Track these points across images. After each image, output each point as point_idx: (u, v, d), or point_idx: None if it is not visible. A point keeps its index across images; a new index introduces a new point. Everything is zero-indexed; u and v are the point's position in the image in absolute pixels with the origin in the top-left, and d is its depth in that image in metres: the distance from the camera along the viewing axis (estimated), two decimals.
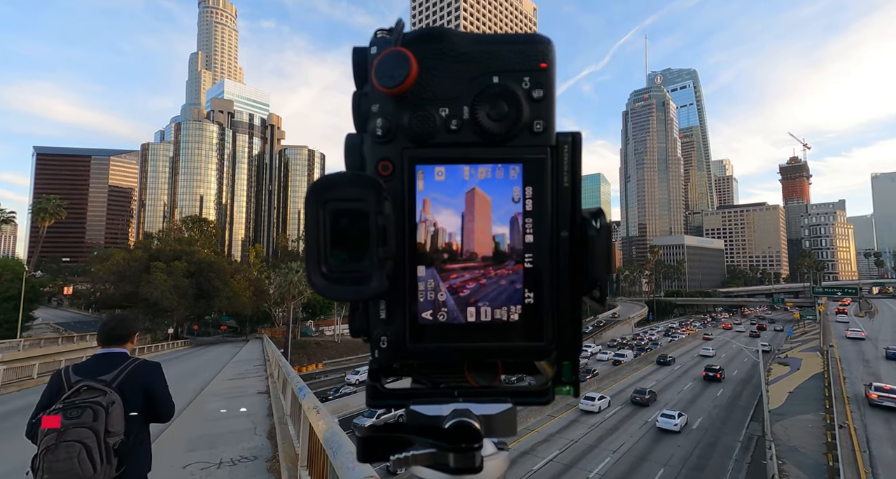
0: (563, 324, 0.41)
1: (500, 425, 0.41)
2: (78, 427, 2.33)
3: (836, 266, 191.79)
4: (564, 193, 0.41)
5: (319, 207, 0.36)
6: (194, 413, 9.95)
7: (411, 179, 0.40)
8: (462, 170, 0.40)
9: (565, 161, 0.41)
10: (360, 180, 0.38)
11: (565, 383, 0.43)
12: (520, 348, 0.41)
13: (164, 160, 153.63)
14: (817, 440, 23.94)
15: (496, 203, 0.40)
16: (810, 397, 31.54)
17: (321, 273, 0.36)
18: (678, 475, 22.94)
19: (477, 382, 0.44)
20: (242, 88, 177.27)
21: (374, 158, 0.40)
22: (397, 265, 0.39)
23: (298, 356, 48.43)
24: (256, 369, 17.80)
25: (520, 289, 0.40)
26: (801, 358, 45.03)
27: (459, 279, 0.40)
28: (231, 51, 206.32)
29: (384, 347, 0.40)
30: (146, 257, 47.99)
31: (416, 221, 0.40)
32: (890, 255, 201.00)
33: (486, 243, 0.40)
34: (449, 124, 0.40)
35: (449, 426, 0.39)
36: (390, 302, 0.40)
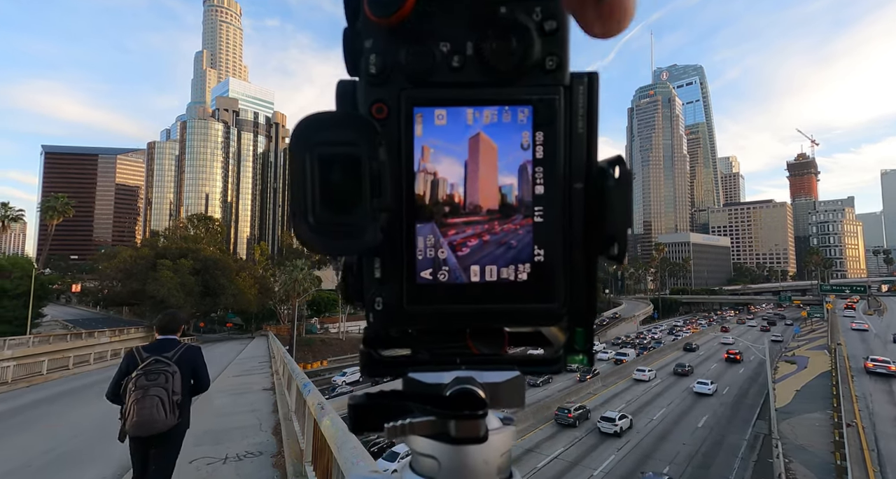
0: (576, 285, 0.37)
1: (507, 394, 0.38)
2: (156, 387, 3.43)
3: (844, 264, 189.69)
4: (579, 139, 0.36)
5: (306, 151, 0.32)
6: (200, 409, 10.01)
7: (409, 123, 0.35)
8: (465, 113, 0.35)
9: (580, 104, 0.36)
10: (351, 121, 0.34)
11: (578, 351, 0.39)
12: (529, 312, 0.37)
13: (170, 159, 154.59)
14: (825, 439, 23.76)
15: (503, 150, 0.35)
16: (818, 396, 31.29)
17: (308, 225, 0.32)
18: (683, 472, 22.85)
19: (480, 351, 0.39)
20: (247, 86, 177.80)
21: (368, 100, 0.36)
22: (393, 219, 0.35)
23: (303, 353, 48.72)
24: (262, 366, 17.89)
25: (529, 246, 0.36)
26: (808, 356, 44.68)
27: (462, 235, 0.36)
28: (236, 49, 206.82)
29: (379, 309, 0.36)
30: (153, 255, 48.37)
31: (413, 170, 0.35)
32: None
33: (491, 195, 0.36)
34: (450, 61, 0.35)
35: (451, 393, 0.35)
36: (386, 259, 0.36)
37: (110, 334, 38.78)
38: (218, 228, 79.58)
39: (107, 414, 10.12)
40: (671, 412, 32.61)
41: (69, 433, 8.40)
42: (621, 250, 0.36)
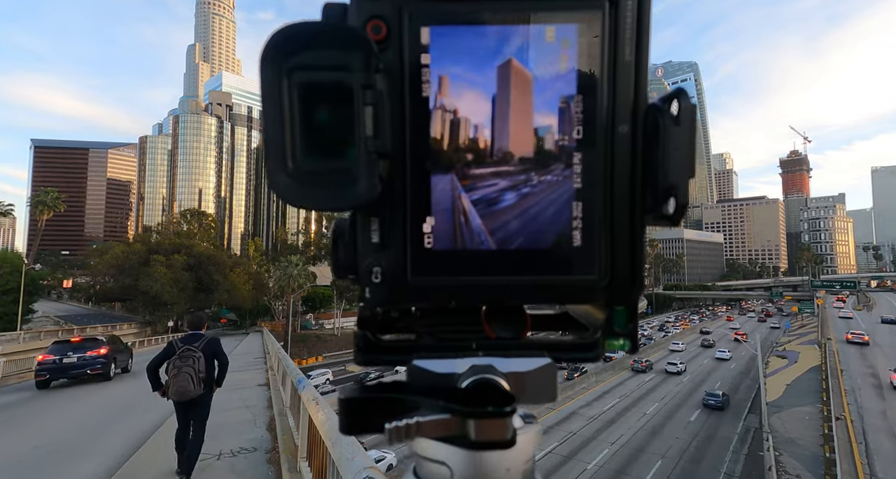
0: (619, 252, 0.30)
1: (536, 386, 0.30)
2: (187, 367, 4.94)
3: (835, 260, 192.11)
4: (625, 69, 0.29)
5: (282, 77, 0.25)
6: None
7: (414, 45, 0.28)
8: (490, 33, 0.28)
9: (628, 25, 0.28)
10: (341, 37, 0.25)
11: (619, 334, 0.32)
12: (564, 284, 0.30)
13: (162, 153, 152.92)
14: (814, 432, 24.13)
15: (539, 82, 0.28)
16: (808, 390, 31.75)
17: (286, 172, 0.25)
18: (676, 466, 23.14)
19: (497, 334, 0.32)
20: (241, 80, 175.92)
21: (362, 17, 0.28)
22: (395, 166, 0.28)
23: (298, 349, 48.66)
24: (256, 362, 17.83)
25: (567, 203, 0.29)
26: (798, 351, 45.29)
27: (489, 189, 0.29)
28: (229, 43, 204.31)
29: (377, 282, 0.29)
30: (145, 251, 48.02)
31: (429, 106, 0.28)
32: (889, 248, 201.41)
33: (525, 140, 0.28)
34: None
35: (467, 385, 0.28)
36: (385, 219, 0.29)
37: (102, 330, 38.48)
38: (211, 224, 79.03)
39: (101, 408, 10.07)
40: (664, 407, 32.97)
41: (62, 428, 8.33)
42: (679, 206, 0.28)
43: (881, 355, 39.79)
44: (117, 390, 12.95)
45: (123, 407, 10.00)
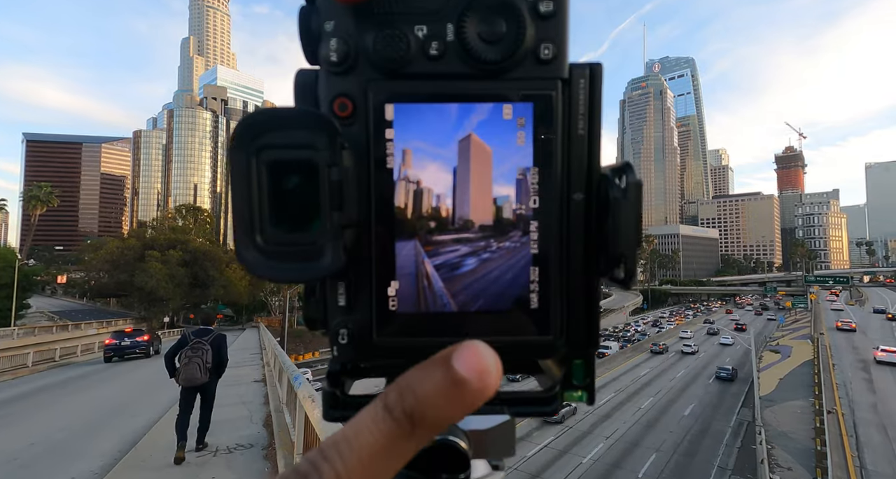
0: (575, 312, 0.31)
1: (495, 442, 0.32)
2: (196, 357, 5.70)
3: (828, 255, 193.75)
4: (579, 142, 0.30)
5: (251, 156, 0.26)
6: None
7: (379, 121, 0.29)
8: (451, 110, 0.29)
9: (580, 101, 0.30)
10: (304, 119, 0.27)
11: (577, 387, 0.33)
12: (521, 344, 0.31)
13: (156, 148, 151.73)
14: (806, 426, 24.46)
15: (498, 155, 0.29)
16: (800, 384, 32.13)
17: (255, 246, 0.26)
18: (669, 461, 23.40)
19: None
20: (236, 74, 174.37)
21: (329, 95, 0.29)
22: (362, 236, 0.29)
23: (295, 345, 48.68)
24: (252, 358, 17.81)
25: (525, 268, 0.30)
26: (791, 346, 45.76)
27: (450, 255, 0.30)
28: (223, 36, 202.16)
29: (344, 343, 0.30)
30: (140, 246, 47.72)
31: (393, 178, 0.29)
32: (881, 244, 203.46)
33: (485, 208, 0.30)
34: (427, 48, 0.29)
35: (428, 446, 0.26)
36: (351, 284, 0.30)
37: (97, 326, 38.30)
38: (207, 219, 78.59)
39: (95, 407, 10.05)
40: (658, 401, 33.32)
41: (56, 425, 8.30)
42: (628, 272, 0.30)
43: (871, 345, 40.72)
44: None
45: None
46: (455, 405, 0.21)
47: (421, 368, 0.22)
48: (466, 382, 0.21)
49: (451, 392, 0.21)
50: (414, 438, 0.21)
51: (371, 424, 0.21)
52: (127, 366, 18.63)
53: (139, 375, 15.97)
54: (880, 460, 19.96)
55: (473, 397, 0.22)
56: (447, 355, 0.22)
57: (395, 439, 0.21)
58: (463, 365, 0.21)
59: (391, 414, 0.21)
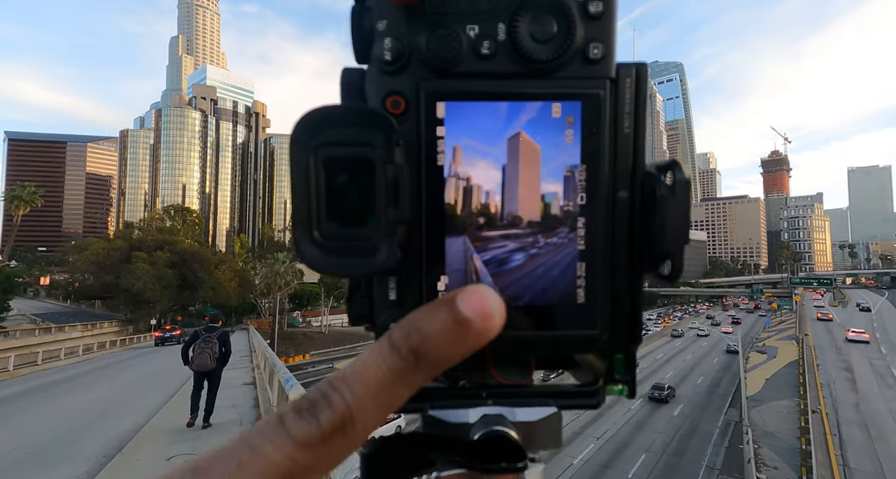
0: (619, 308, 0.32)
1: (543, 435, 0.32)
2: (207, 348, 7.22)
3: (812, 258, 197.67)
4: (625, 141, 0.31)
5: (309, 153, 0.27)
6: (177, 406, 9.80)
7: (431, 120, 0.30)
8: (501, 109, 0.30)
9: (627, 100, 0.31)
10: (363, 117, 0.28)
11: (618, 381, 0.34)
12: (567, 338, 0.32)
13: (144, 147, 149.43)
14: (791, 425, 24.87)
15: (546, 153, 0.30)
16: (786, 384, 32.68)
17: (312, 240, 0.27)
18: (659, 461, 23.62)
19: (505, 379, 0.34)
20: (226, 73, 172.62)
21: (381, 93, 0.30)
22: (413, 231, 0.30)
23: (285, 347, 48.19)
24: (242, 361, 17.58)
25: (572, 264, 0.31)
26: (777, 346, 46.54)
27: (499, 250, 0.31)
28: (213, 35, 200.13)
29: None
30: (127, 247, 46.94)
31: (443, 175, 0.30)
32: (863, 246, 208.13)
33: (532, 205, 0.31)
34: (479, 48, 0.30)
35: (479, 437, 0.30)
36: (403, 279, 0.31)
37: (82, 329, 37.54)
38: (196, 220, 77.64)
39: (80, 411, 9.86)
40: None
41: (38, 430, 8.12)
42: (675, 268, 0.30)
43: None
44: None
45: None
46: (458, 343, 0.22)
47: (426, 308, 0.23)
48: (470, 322, 0.22)
49: (454, 331, 0.22)
50: (418, 373, 0.22)
51: (378, 359, 0.22)
52: (113, 369, 18.47)
53: (125, 377, 15.70)
54: (862, 458, 20.38)
55: (476, 337, 0.23)
56: (452, 296, 0.23)
57: (400, 373, 0.22)
58: (467, 306, 0.22)
59: (398, 351, 0.22)
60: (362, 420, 0.21)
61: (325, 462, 0.21)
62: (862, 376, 33.34)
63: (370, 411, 0.21)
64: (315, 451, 0.20)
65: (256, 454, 0.19)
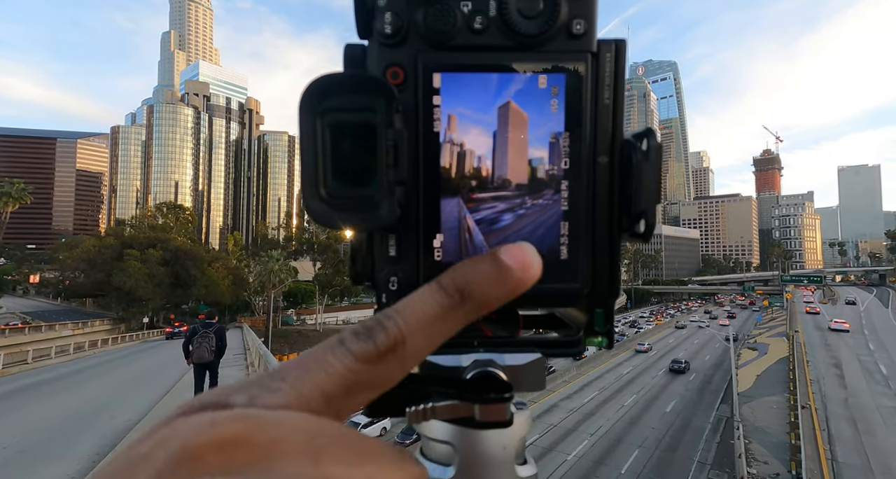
0: (599, 265, 0.35)
1: (528, 377, 0.36)
2: (205, 343, 7.95)
3: (803, 255, 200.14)
4: (605, 111, 0.34)
5: (316, 118, 0.29)
6: (172, 403, 9.76)
7: (427, 89, 0.32)
8: (492, 80, 0.33)
9: (607, 73, 0.33)
10: (366, 85, 0.30)
11: (598, 333, 0.37)
12: (552, 291, 0.35)
13: (135, 144, 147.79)
14: (781, 420, 25.19)
15: (533, 121, 0.33)
16: (776, 380, 33.07)
17: (319, 197, 0.30)
18: (652, 456, 23.86)
19: (495, 333, 0.38)
20: (219, 70, 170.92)
21: (381, 64, 0.32)
22: (410, 192, 0.33)
23: (280, 345, 48.02)
24: (236, 359, 17.50)
25: (556, 223, 0.34)
26: (768, 343, 47.07)
27: (489, 211, 0.34)
28: (206, 31, 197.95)
29: (394, 289, 0.34)
30: (118, 245, 46.46)
31: (439, 140, 0.33)
32: (852, 245, 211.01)
33: (521, 169, 0.33)
34: (472, 23, 0.32)
35: (472, 376, 0.34)
36: (402, 236, 0.34)
37: (73, 327, 37.22)
38: (189, 218, 76.94)
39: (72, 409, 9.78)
40: (641, 399, 33.94)
41: (29, 428, 8.04)
42: (648, 227, 0.33)
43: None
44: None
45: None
46: (500, 288, 0.27)
47: (472, 259, 0.28)
48: (511, 269, 0.27)
49: (497, 277, 0.27)
50: (462, 309, 0.26)
51: (427, 296, 0.26)
52: (103, 368, 18.32)
53: (116, 376, 15.58)
54: (850, 452, 20.71)
55: (516, 283, 0.27)
56: (496, 249, 0.28)
57: (447, 309, 0.26)
58: (509, 257, 0.27)
59: (445, 290, 0.26)
60: (413, 345, 0.24)
61: (378, 379, 0.24)
62: (850, 371, 33.84)
63: (420, 338, 0.24)
64: (371, 367, 0.23)
65: (321, 362, 0.22)
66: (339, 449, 0.20)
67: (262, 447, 0.18)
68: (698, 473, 21.92)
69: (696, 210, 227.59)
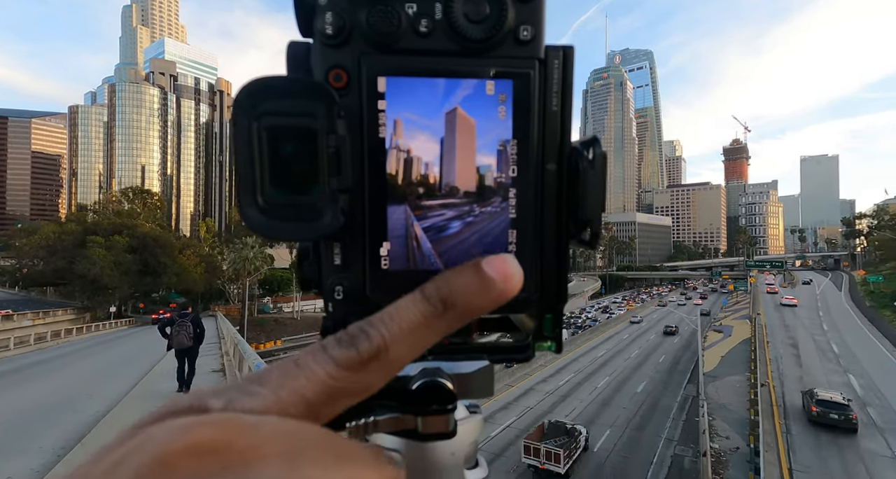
0: (547, 271, 0.35)
1: (476, 384, 0.36)
2: (183, 329, 8.87)
3: (766, 242, 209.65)
4: (553, 118, 0.33)
5: (252, 121, 0.27)
6: (143, 394, 9.51)
7: (372, 93, 0.31)
8: (439, 85, 0.31)
9: (555, 80, 0.33)
10: (305, 88, 0.29)
11: (546, 337, 0.37)
12: None
13: (96, 125, 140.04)
14: (742, 398, 26.66)
15: (481, 127, 0.32)
16: (739, 360, 34.87)
17: (257, 206, 0.28)
18: (623, 435, 24.90)
19: (448, 340, 0.34)
20: (186, 48, 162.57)
21: (324, 66, 0.31)
22: (356, 200, 0.31)
23: (256, 334, 47.30)
24: (210, 348, 17.12)
25: (504, 231, 0.33)
26: (732, 325, 49.44)
27: (437, 218, 0.33)
28: (171, 5, 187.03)
29: (339, 298, 0.32)
30: (81, 231, 44.34)
31: (385, 146, 0.31)
32: (811, 231, 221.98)
33: (468, 176, 0.33)
34: (417, 25, 0.31)
35: (417, 386, 0.33)
36: (347, 244, 0.32)
37: (33, 317, 35.56)
38: (157, 203, 74.03)
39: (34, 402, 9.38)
40: (614, 380, 35.23)
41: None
42: (594, 235, 0.34)
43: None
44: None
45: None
46: (482, 298, 0.27)
47: (455, 269, 0.28)
48: (493, 280, 0.27)
49: (480, 287, 0.27)
50: (445, 319, 0.26)
51: (410, 305, 0.26)
52: (68, 359, 17.63)
53: (82, 367, 15.03)
54: (803, 426, 22.18)
55: (498, 294, 0.27)
56: (479, 260, 0.28)
57: (430, 318, 0.26)
58: (491, 268, 0.27)
59: (428, 300, 0.26)
60: (396, 353, 0.24)
61: (359, 386, 0.24)
62: (806, 350, 35.98)
63: (402, 347, 0.25)
64: (352, 374, 0.23)
65: (302, 368, 0.23)
66: (318, 452, 0.19)
67: (239, 451, 0.18)
68: (665, 449, 23.06)
69: (669, 198, 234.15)
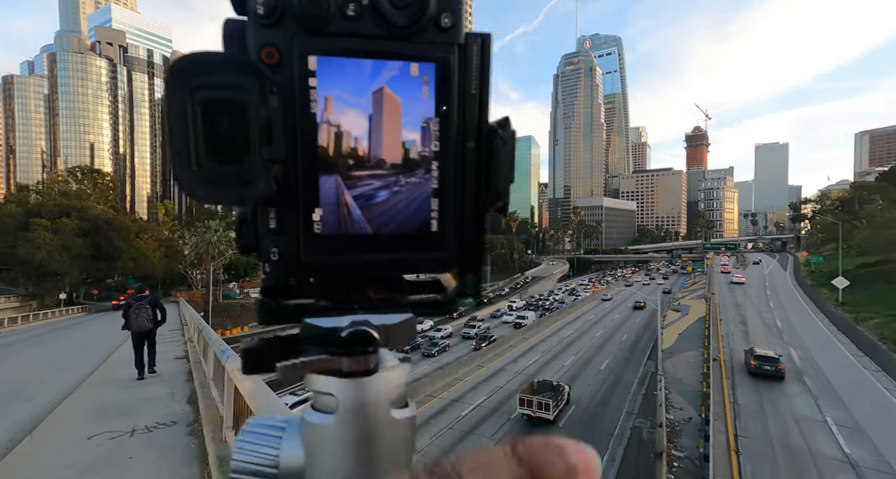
0: (467, 236, 0.39)
1: (401, 333, 0.39)
2: (142, 312, 9.07)
3: (723, 225, 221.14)
4: (472, 100, 0.37)
5: (186, 95, 0.29)
6: (100, 382, 9.10)
7: (303, 71, 0.33)
8: (367, 65, 0.34)
9: (474, 65, 0.36)
10: (235, 64, 0.31)
11: (468, 295, 0.41)
12: (424, 259, 0.39)
13: (36, 97, 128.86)
14: (696, 372, 28.49)
15: (406, 106, 0.35)
16: (695, 337, 37.09)
17: (191, 172, 0.30)
18: (587, 410, 26.16)
19: (380, 298, 0.40)
20: (137, 17, 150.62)
21: (257, 43, 0.33)
22: (289, 170, 0.34)
23: (222, 320, 46.01)
24: (172, 335, 16.52)
25: (427, 200, 0.37)
26: (690, 305, 52.35)
27: (366, 187, 0.36)
28: None
29: (275, 260, 0.36)
30: (22, 213, 41.24)
31: (316, 121, 0.34)
32: (763, 216, 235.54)
33: (394, 150, 0.36)
34: (346, 9, 0.33)
35: (346, 334, 0.36)
36: (281, 210, 0.35)
37: None
38: (109, 184, 69.59)
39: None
40: (580, 359, 36.75)
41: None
42: (504, 203, 0.39)
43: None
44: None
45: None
46: None
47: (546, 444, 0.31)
48: (576, 470, 0.30)
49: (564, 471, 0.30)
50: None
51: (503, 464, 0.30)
52: (15, 348, 16.61)
53: (32, 355, 14.20)
54: (749, 396, 24.01)
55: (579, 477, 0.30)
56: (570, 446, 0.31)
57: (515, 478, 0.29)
58: (578, 459, 0.30)
59: (520, 461, 0.30)
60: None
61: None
62: (754, 327, 38.63)
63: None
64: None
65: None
66: None
67: None
68: (626, 422, 24.43)
69: (634, 183, 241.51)
